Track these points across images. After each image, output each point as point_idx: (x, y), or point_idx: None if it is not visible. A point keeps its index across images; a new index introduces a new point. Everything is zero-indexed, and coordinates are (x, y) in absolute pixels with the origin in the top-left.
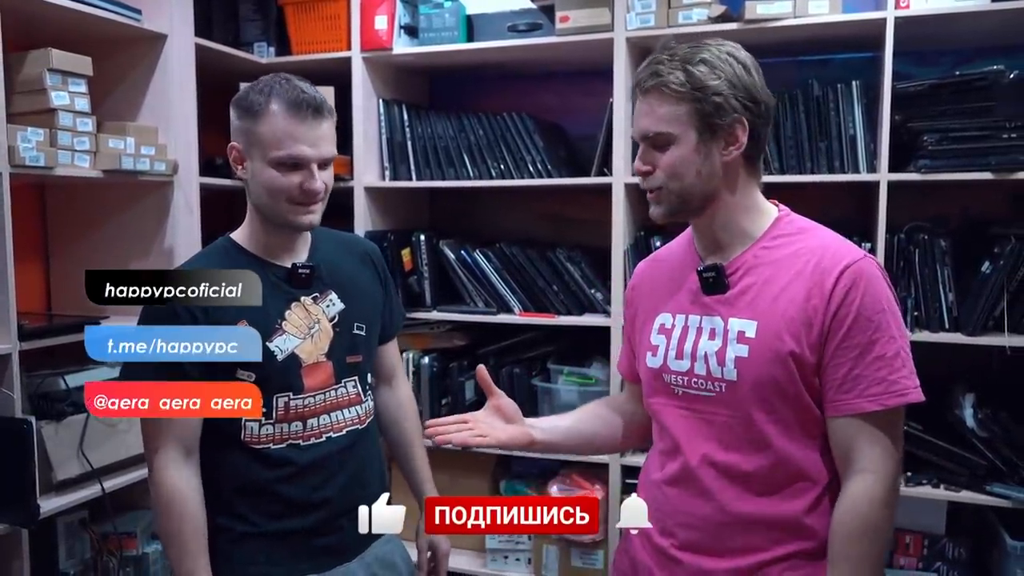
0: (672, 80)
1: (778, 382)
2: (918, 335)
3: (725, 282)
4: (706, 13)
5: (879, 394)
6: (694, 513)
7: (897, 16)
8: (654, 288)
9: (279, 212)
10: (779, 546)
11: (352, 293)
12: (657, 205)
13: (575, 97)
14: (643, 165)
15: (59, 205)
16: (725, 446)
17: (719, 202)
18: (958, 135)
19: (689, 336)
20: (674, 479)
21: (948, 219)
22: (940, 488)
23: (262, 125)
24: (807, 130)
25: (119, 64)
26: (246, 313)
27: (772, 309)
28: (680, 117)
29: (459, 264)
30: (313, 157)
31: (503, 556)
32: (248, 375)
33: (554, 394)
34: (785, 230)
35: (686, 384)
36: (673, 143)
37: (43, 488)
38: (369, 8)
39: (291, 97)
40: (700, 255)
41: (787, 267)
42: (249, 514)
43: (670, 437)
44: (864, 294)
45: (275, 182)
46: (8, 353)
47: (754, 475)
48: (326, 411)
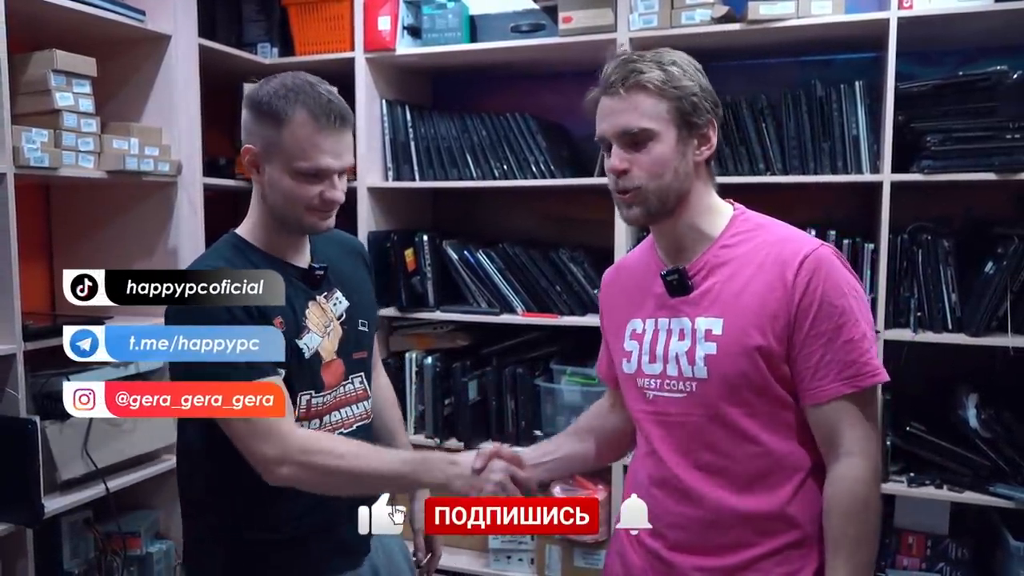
0: (654, 77)
1: (748, 376)
2: (921, 336)
3: (688, 283)
4: (709, 14)
5: (853, 376)
6: (681, 513)
7: (900, 16)
8: (622, 295)
9: (295, 217)
10: (768, 539)
11: (353, 290)
12: (633, 207)
13: (578, 97)
14: (621, 163)
15: (63, 205)
16: (701, 446)
17: (686, 203)
18: (961, 135)
19: (660, 339)
20: (658, 481)
21: (951, 219)
22: (943, 489)
23: (285, 133)
24: (810, 130)
25: (123, 65)
26: (281, 312)
27: (736, 305)
28: (661, 114)
29: (462, 264)
30: (336, 168)
31: (506, 556)
32: (279, 372)
33: (557, 394)
34: (742, 227)
35: (658, 387)
36: (653, 139)
37: (47, 488)
38: (372, 9)
39: (317, 105)
40: (663, 259)
41: (747, 263)
42: (271, 519)
43: (648, 442)
44: (825, 281)
45: (295, 191)
46: (13, 353)
47: (733, 471)
48: (337, 408)
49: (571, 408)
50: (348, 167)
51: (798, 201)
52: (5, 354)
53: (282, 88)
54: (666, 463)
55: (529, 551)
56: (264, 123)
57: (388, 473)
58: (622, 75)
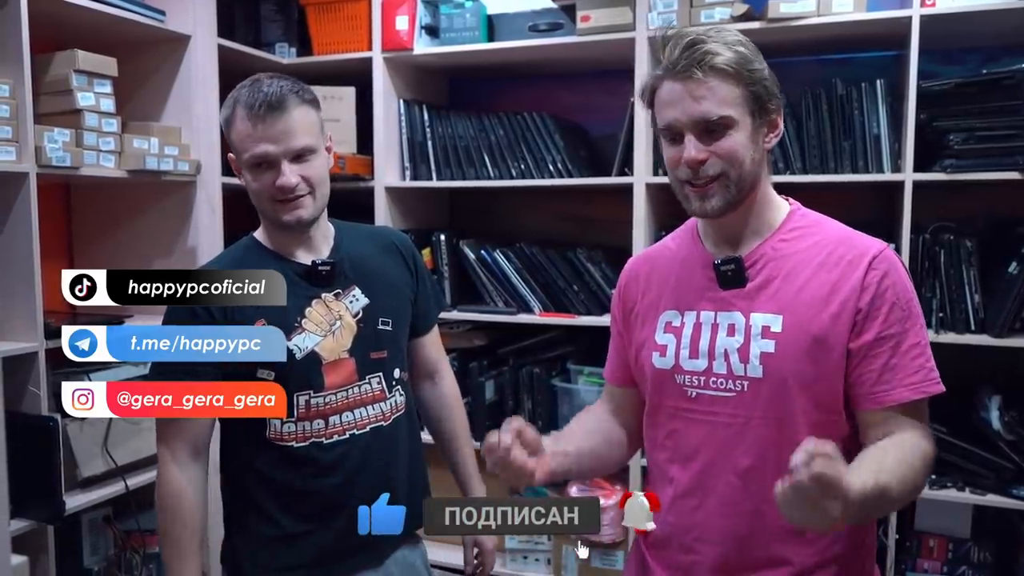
0: (730, 59)
1: (806, 376)
2: (944, 336)
3: (745, 275)
4: (729, 12)
5: (919, 382)
6: (717, 526)
7: (923, 14)
8: (655, 286)
9: (270, 212)
10: (812, 549)
11: (377, 287)
12: (710, 197)
13: (596, 97)
14: (700, 154)
15: (84, 204)
16: (746, 450)
17: (755, 193)
18: (984, 134)
19: (704, 333)
20: (689, 490)
21: (974, 219)
22: (965, 491)
23: (232, 132)
24: (830, 129)
25: (143, 65)
26: (265, 312)
27: (797, 302)
28: (738, 100)
29: (479, 264)
30: (277, 153)
31: (522, 556)
32: (268, 373)
33: (573, 394)
34: (800, 222)
35: (702, 385)
36: (732, 127)
37: (68, 485)
38: (390, 8)
39: (248, 99)
40: (709, 249)
41: (808, 259)
42: (276, 514)
43: (683, 444)
44: (895, 282)
45: (252, 184)
46: (35, 351)
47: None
48: (348, 408)
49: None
50: (294, 150)
51: (818, 201)
52: (27, 352)
53: (232, 92)
54: (706, 467)
55: (546, 551)
56: (224, 128)
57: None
58: (694, 57)
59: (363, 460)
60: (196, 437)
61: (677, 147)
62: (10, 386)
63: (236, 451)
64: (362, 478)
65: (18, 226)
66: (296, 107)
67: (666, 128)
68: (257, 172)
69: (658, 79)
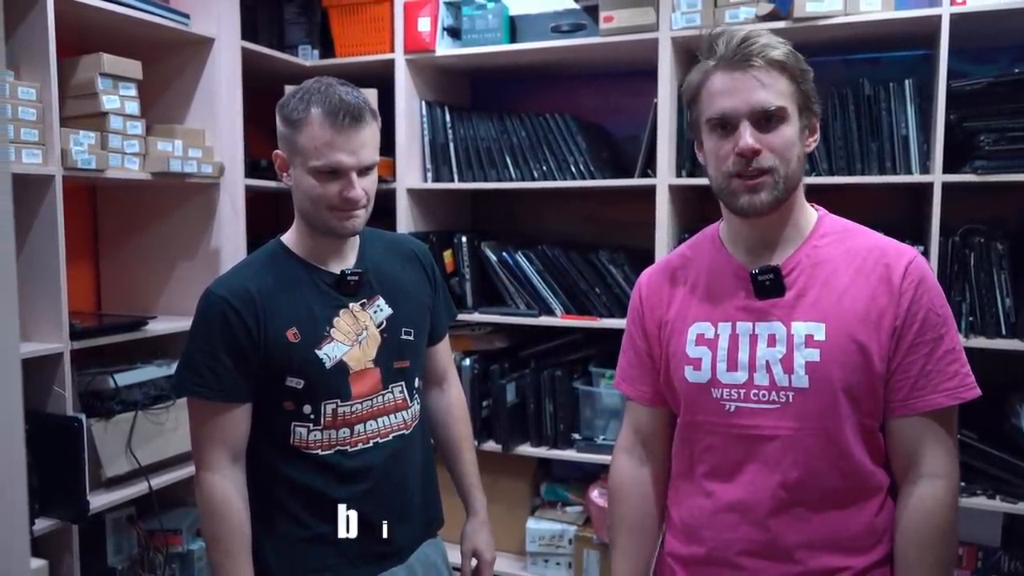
0: (787, 55)
1: (853, 385)
2: (974, 341)
3: (784, 285)
4: (754, 12)
5: (955, 388)
6: (765, 540)
7: (953, 13)
8: (679, 297)
9: (321, 219)
10: (861, 557)
11: (399, 297)
12: (761, 192)
13: (619, 98)
14: (756, 143)
15: (109, 206)
16: (791, 463)
17: (795, 195)
18: (1016, 135)
19: (742, 345)
20: (732, 505)
21: (1005, 221)
22: (996, 499)
23: (301, 134)
24: (857, 130)
25: (167, 68)
26: (297, 321)
27: (839, 309)
28: (791, 95)
29: (501, 266)
30: (351, 165)
31: (543, 560)
32: (297, 382)
33: (596, 397)
34: (830, 228)
35: (743, 398)
36: (786, 120)
37: (92, 485)
38: (412, 10)
39: (329, 104)
40: (738, 257)
41: (845, 265)
42: (302, 516)
43: (723, 459)
44: (930, 289)
45: (315, 190)
46: (60, 352)
47: (828, 488)
48: (372, 417)
49: (610, 411)
50: (366, 164)
51: (845, 202)
52: (53, 353)
53: (300, 91)
54: (748, 481)
55: (567, 555)
56: (286, 127)
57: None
58: (752, 49)
59: (386, 468)
60: (234, 442)
61: (727, 139)
62: (36, 387)
63: (261, 457)
64: (384, 484)
65: (44, 228)
66: (371, 121)
67: (719, 118)
68: (323, 179)
69: (707, 72)
